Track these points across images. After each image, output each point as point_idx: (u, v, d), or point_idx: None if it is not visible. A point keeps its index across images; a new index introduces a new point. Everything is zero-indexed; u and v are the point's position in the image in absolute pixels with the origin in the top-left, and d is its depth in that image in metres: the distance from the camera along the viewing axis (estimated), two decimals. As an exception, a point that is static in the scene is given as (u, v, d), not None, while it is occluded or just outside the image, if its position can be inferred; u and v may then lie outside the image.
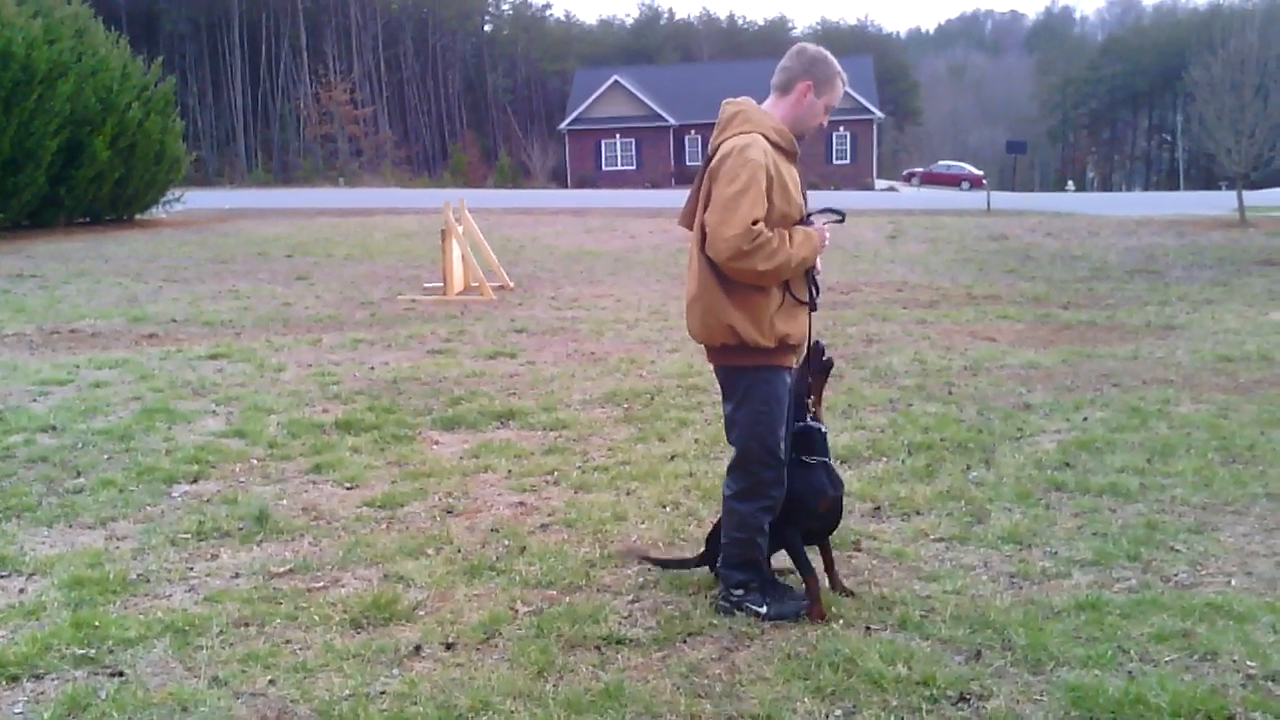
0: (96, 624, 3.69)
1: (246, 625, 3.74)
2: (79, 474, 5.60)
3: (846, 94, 3.98)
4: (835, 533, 4.10)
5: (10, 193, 21.07)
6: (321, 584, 4.15)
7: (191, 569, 4.32)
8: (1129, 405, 7.03)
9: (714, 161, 3.62)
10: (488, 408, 7.12)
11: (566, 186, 57.36)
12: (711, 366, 3.90)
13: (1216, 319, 11.26)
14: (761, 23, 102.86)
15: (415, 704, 3.17)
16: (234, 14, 71.12)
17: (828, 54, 3.78)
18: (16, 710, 3.18)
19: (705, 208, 3.63)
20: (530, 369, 8.63)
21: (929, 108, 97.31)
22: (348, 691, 3.26)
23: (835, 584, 4.01)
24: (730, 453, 3.87)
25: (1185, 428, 6.42)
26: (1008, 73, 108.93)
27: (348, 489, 5.42)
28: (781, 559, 4.04)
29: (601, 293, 13.89)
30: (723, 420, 3.92)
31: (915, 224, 24.43)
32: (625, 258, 18.32)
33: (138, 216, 26.38)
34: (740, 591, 3.82)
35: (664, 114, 59.54)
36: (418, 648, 3.56)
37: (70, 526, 4.84)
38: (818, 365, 3.95)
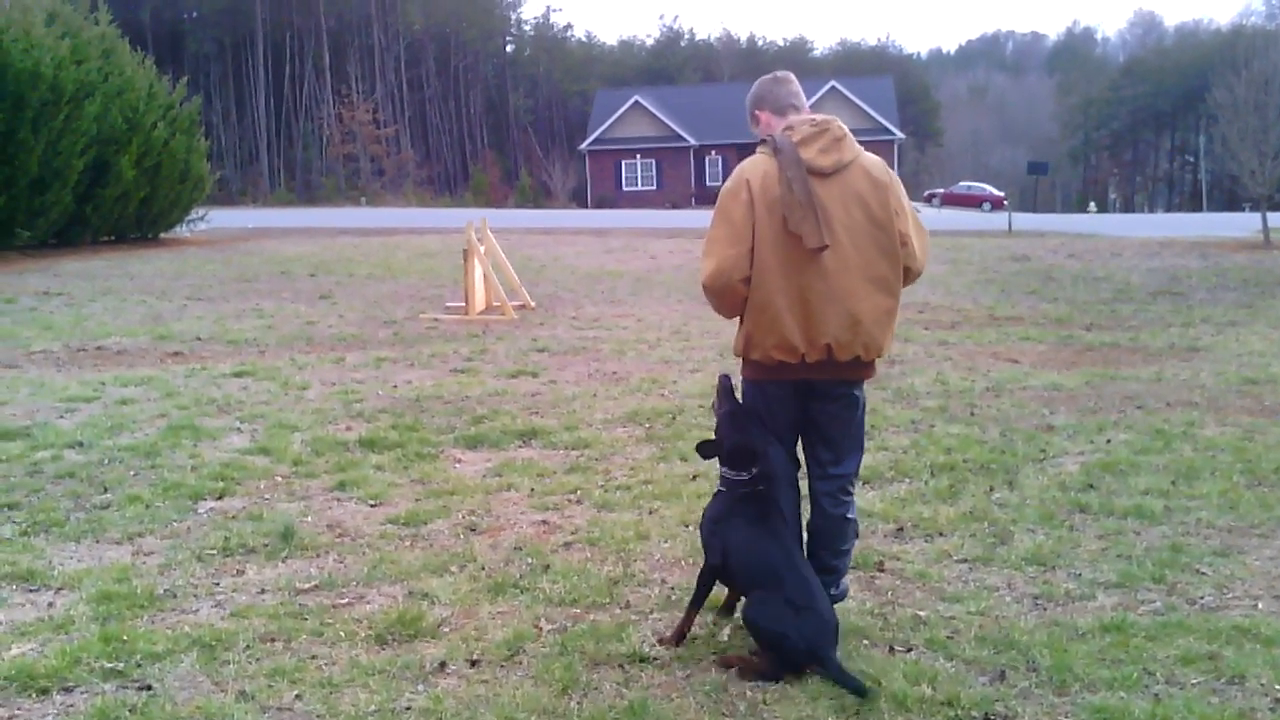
0: (125, 638, 3.73)
1: (273, 641, 3.77)
2: (106, 490, 5.66)
3: (866, 114, 4.08)
4: (857, 552, 4.12)
5: (38, 211, 21.27)
6: (347, 600, 4.18)
7: (218, 584, 4.35)
8: (1153, 427, 6.99)
9: (878, 176, 3.61)
10: (510, 426, 7.15)
11: (587, 206, 57.56)
12: (827, 380, 3.72)
13: (1241, 341, 11.20)
14: (781, 43, 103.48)
15: (440, 720, 3.19)
16: (258, 34, 71.97)
17: (769, 76, 3.93)
18: (47, 723, 3.21)
19: (901, 221, 3.62)
20: (552, 388, 8.66)
21: (950, 128, 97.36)
22: (373, 707, 3.28)
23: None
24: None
25: (1210, 450, 6.39)
26: (1029, 93, 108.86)
27: (372, 506, 5.46)
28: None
29: (623, 313, 13.92)
30: None
31: (936, 245, 24.34)
32: (646, 278, 18.36)
33: (163, 235, 26.61)
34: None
35: (684, 134, 59.75)
36: (443, 664, 3.58)
37: (98, 542, 4.89)
38: None
